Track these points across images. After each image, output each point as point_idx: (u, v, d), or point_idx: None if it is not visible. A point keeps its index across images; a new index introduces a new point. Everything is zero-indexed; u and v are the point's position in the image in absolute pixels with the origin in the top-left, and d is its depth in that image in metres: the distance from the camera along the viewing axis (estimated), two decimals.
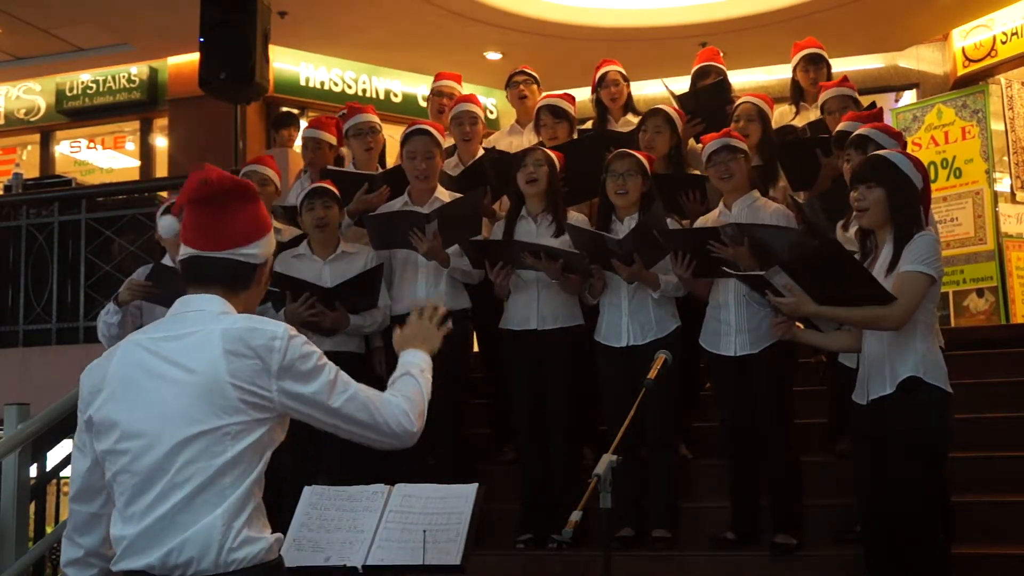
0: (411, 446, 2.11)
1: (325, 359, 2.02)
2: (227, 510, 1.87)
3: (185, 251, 2.04)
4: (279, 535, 1.98)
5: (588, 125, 5.47)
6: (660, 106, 4.74)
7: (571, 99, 4.98)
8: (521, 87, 5.38)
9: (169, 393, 1.91)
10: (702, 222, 4.19)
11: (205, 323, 1.96)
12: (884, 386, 3.16)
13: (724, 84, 5.08)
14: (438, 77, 5.56)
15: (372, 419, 2.03)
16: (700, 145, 4.99)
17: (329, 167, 4.89)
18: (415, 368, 2.22)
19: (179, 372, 1.92)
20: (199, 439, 1.88)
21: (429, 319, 2.35)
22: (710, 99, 4.95)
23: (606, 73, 5.23)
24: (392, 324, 4.33)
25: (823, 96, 4.76)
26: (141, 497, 1.89)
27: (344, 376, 2.03)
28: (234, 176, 2.04)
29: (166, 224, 2.11)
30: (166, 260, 4.22)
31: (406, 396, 2.11)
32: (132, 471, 1.91)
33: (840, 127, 4.15)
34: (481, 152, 5.04)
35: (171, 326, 2.00)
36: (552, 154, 4.34)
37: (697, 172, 4.74)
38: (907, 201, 3.17)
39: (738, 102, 4.71)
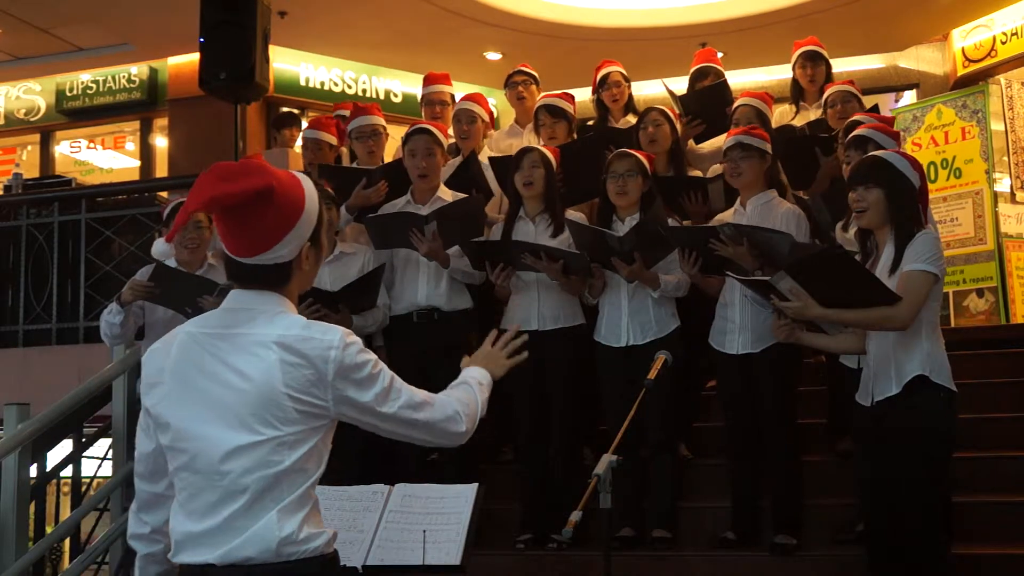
0: (461, 444, 2.15)
1: (380, 365, 2.02)
2: (284, 510, 1.89)
3: (225, 250, 2.01)
4: (336, 530, 2.01)
5: (588, 126, 5.48)
6: (652, 105, 4.77)
7: (570, 98, 4.97)
8: (520, 88, 5.37)
9: (225, 398, 1.91)
10: (719, 219, 4.18)
11: (260, 325, 1.95)
12: (890, 386, 3.15)
13: (724, 86, 5.08)
14: (427, 82, 5.41)
15: (425, 421, 2.06)
16: (707, 144, 5.03)
17: (322, 164, 4.88)
18: (472, 380, 2.26)
19: (234, 377, 1.91)
20: (256, 448, 1.88)
21: (501, 347, 2.39)
22: (711, 101, 4.96)
23: (608, 74, 5.23)
24: (392, 324, 4.34)
25: (829, 91, 4.77)
26: (201, 497, 1.91)
27: (398, 380, 2.04)
28: (254, 175, 1.93)
29: (160, 250, 2.09)
30: (169, 260, 4.23)
31: (459, 399, 2.15)
32: (192, 470, 1.92)
33: (857, 132, 4.09)
34: (486, 151, 5.04)
35: (227, 321, 1.98)
36: (548, 152, 4.33)
37: (698, 173, 4.75)
38: (906, 200, 3.17)
39: (737, 103, 4.70)
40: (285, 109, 9.39)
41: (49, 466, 4.75)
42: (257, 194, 1.91)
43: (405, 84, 10.41)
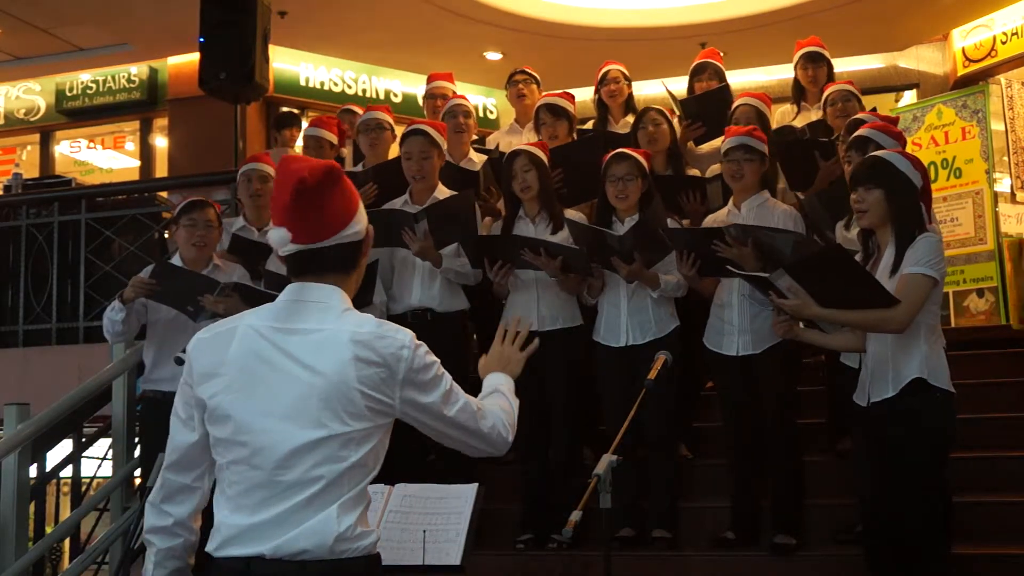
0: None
1: (442, 369, 2.05)
2: (344, 505, 1.90)
3: (290, 248, 2.00)
4: (379, 533, 2.02)
5: (589, 125, 5.48)
6: (649, 105, 4.78)
7: (570, 98, 4.98)
8: (520, 86, 5.39)
9: (293, 392, 1.91)
10: (711, 220, 4.19)
11: (330, 321, 1.96)
12: (887, 388, 3.15)
13: (726, 89, 5.07)
14: (431, 79, 5.57)
15: (478, 428, 2.10)
16: (707, 145, 5.03)
17: None
18: (503, 387, 2.28)
19: (303, 372, 1.91)
20: (325, 443, 1.89)
21: (512, 342, 2.40)
22: (711, 104, 4.95)
23: (607, 72, 5.25)
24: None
25: (829, 90, 4.77)
26: (259, 491, 1.90)
27: (457, 386, 2.07)
28: (319, 162, 2.00)
29: (278, 237, 2.06)
30: (175, 260, 4.23)
31: (502, 408, 2.19)
32: (251, 464, 1.91)
33: (860, 133, 4.08)
34: (471, 152, 5.07)
35: (291, 316, 1.98)
36: (537, 152, 4.32)
37: (696, 172, 4.76)
38: (907, 201, 3.17)
39: (736, 104, 4.70)
40: (285, 109, 9.38)
41: (49, 466, 4.76)
42: (333, 168, 1.99)
43: (405, 84, 10.42)
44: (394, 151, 5.36)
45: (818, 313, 3.23)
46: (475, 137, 5.25)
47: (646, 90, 7.26)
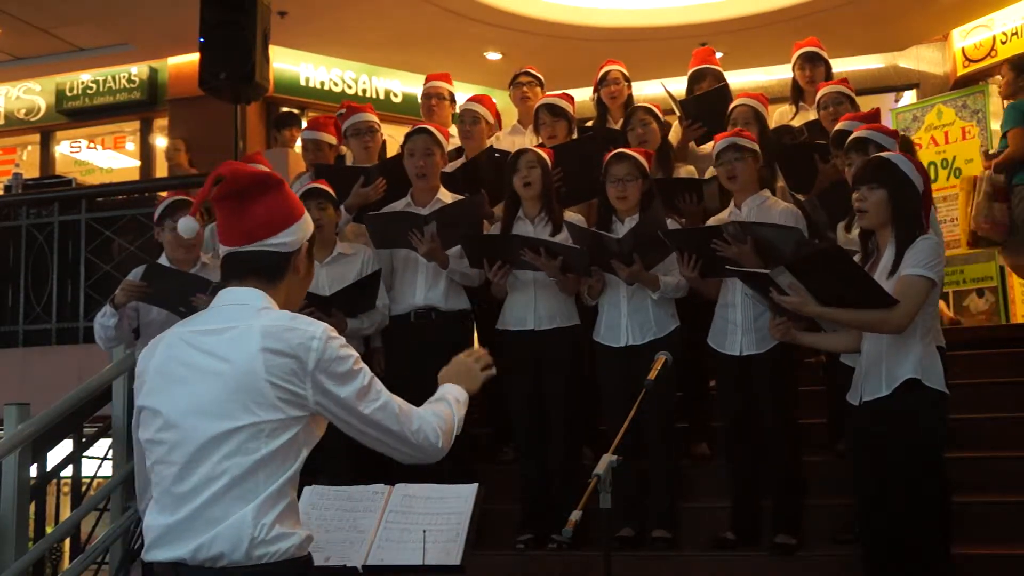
0: (433, 463, 2.14)
1: (362, 364, 2.03)
2: (260, 505, 1.88)
3: (222, 250, 2.06)
4: (310, 532, 2.00)
5: (589, 125, 5.48)
6: (642, 104, 4.77)
7: (569, 98, 4.99)
8: (524, 89, 5.38)
9: (205, 386, 1.93)
10: (714, 221, 4.18)
11: (246, 318, 1.97)
12: (879, 388, 3.16)
13: (725, 89, 5.08)
14: (428, 79, 5.53)
15: (400, 430, 2.05)
16: (709, 145, 5.03)
17: (319, 164, 4.88)
18: (450, 397, 2.26)
19: (216, 363, 1.93)
20: (235, 435, 1.89)
21: (475, 360, 2.40)
22: (711, 104, 4.96)
23: (607, 72, 5.25)
24: (390, 324, 4.34)
25: (820, 92, 4.77)
26: (175, 488, 1.91)
27: (378, 384, 2.05)
28: (251, 168, 2.04)
29: (187, 226, 2.11)
30: (162, 260, 4.22)
31: (436, 414, 2.15)
32: (168, 461, 1.93)
33: (838, 127, 4.16)
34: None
35: (212, 319, 2.02)
36: (543, 153, 4.34)
37: (691, 169, 4.76)
38: (908, 202, 3.18)
39: (734, 104, 4.69)
40: (285, 109, 9.39)
41: (49, 466, 4.75)
42: (270, 177, 2.02)
43: (405, 84, 10.41)
44: (389, 154, 5.36)
45: (817, 311, 3.24)
46: (487, 143, 5.14)
47: (646, 90, 7.26)
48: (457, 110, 5.22)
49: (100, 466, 5.03)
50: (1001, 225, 5.96)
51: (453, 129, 5.19)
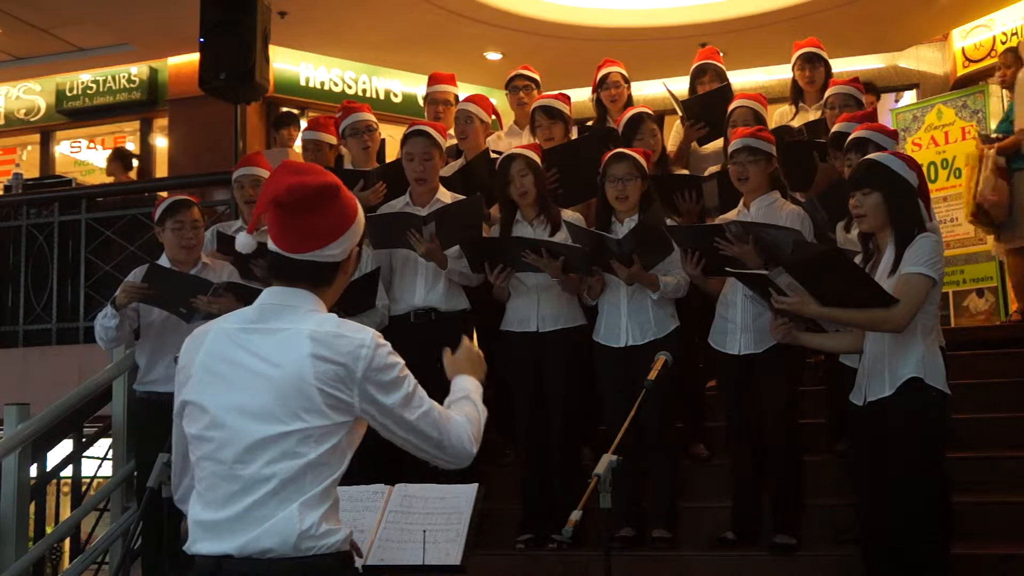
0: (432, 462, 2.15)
1: (407, 371, 2.05)
2: (306, 504, 1.91)
3: (271, 246, 2.04)
4: (351, 530, 2.02)
5: (589, 125, 5.47)
6: (641, 109, 4.74)
7: (566, 99, 4.97)
8: (521, 94, 5.33)
9: (254, 388, 1.93)
10: (723, 220, 4.18)
11: (295, 321, 1.98)
12: (883, 387, 3.16)
13: (728, 90, 5.07)
14: (431, 81, 5.43)
15: (440, 437, 2.07)
16: (710, 145, 5.04)
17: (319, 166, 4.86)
18: (474, 395, 2.27)
19: (265, 368, 1.94)
20: (283, 439, 1.91)
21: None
22: (714, 105, 4.95)
23: (607, 75, 5.23)
24: (391, 324, 4.34)
25: (829, 91, 4.77)
26: (223, 486, 1.93)
27: (421, 391, 2.07)
28: (312, 181, 2.00)
29: (244, 243, 2.13)
30: (163, 261, 4.21)
31: (469, 419, 2.16)
32: (215, 459, 1.94)
33: (835, 128, 4.17)
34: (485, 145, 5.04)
35: (259, 317, 2.02)
36: (531, 154, 4.31)
37: (685, 172, 4.77)
38: (905, 202, 3.18)
39: (733, 105, 4.68)
40: (285, 109, 9.39)
41: (49, 466, 4.75)
42: (327, 188, 2.00)
43: (405, 84, 10.42)
44: (392, 154, 5.35)
45: (818, 311, 3.24)
46: (483, 143, 5.13)
47: (646, 90, 7.28)
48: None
49: (100, 466, 5.04)
50: (1003, 202, 6.09)
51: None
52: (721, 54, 5.54)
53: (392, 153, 5.36)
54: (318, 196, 1.99)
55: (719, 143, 4.87)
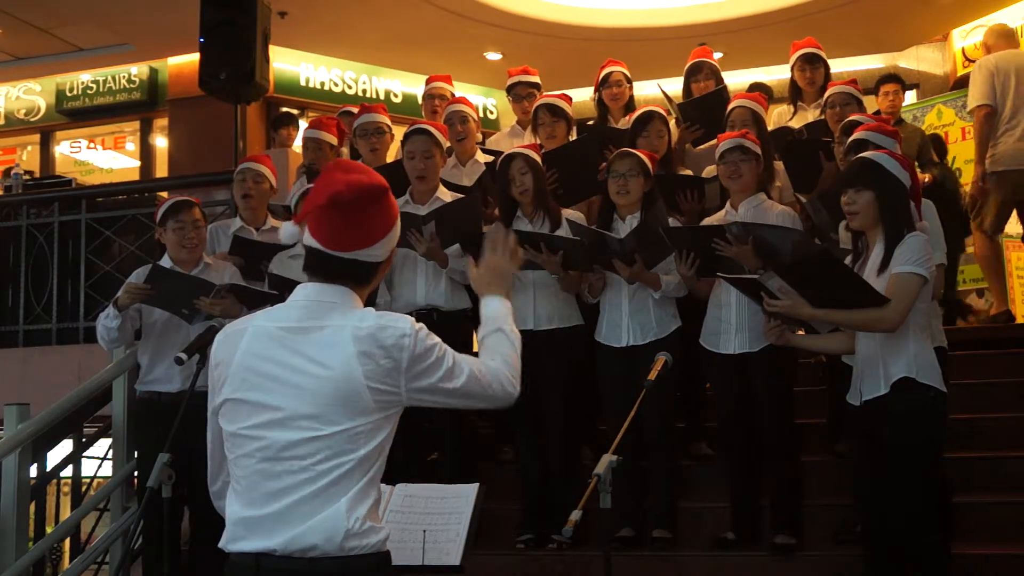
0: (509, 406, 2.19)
1: (444, 347, 2.07)
2: (352, 499, 1.92)
3: (311, 241, 2.04)
4: (389, 530, 2.04)
5: (590, 125, 5.46)
6: (653, 108, 4.74)
7: (568, 99, 4.97)
8: (525, 103, 5.32)
9: (301, 388, 1.94)
10: (708, 222, 4.18)
11: (335, 318, 1.99)
12: (878, 387, 3.16)
13: (724, 92, 5.07)
14: (429, 80, 5.53)
15: (483, 391, 2.12)
16: (705, 145, 5.03)
17: (310, 167, 4.87)
18: (503, 323, 2.26)
19: (312, 366, 1.95)
20: (331, 438, 1.92)
21: (503, 251, 2.34)
22: (709, 107, 4.96)
23: (609, 74, 5.23)
24: None
25: (829, 91, 4.76)
26: (267, 483, 1.93)
27: (458, 357, 2.09)
28: (365, 180, 2.02)
29: (289, 232, 2.14)
30: (165, 262, 4.21)
31: (505, 360, 2.18)
32: (258, 457, 1.95)
33: (855, 136, 4.10)
34: (477, 152, 5.05)
35: (299, 315, 2.02)
36: (531, 153, 4.31)
37: (689, 172, 4.76)
38: (896, 201, 3.19)
39: (732, 105, 4.68)
40: (285, 109, 9.39)
41: (49, 466, 4.75)
42: (379, 188, 2.03)
43: (405, 84, 10.42)
44: (392, 153, 5.36)
45: (810, 314, 3.24)
46: (479, 138, 5.18)
47: (646, 90, 7.27)
48: None
49: (100, 466, 5.03)
50: None
51: None
52: (718, 55, 5.54)
53: (392, 153, 5.36)
54: (371, 195, 2.01)
55: (713, 143, 4.86)
